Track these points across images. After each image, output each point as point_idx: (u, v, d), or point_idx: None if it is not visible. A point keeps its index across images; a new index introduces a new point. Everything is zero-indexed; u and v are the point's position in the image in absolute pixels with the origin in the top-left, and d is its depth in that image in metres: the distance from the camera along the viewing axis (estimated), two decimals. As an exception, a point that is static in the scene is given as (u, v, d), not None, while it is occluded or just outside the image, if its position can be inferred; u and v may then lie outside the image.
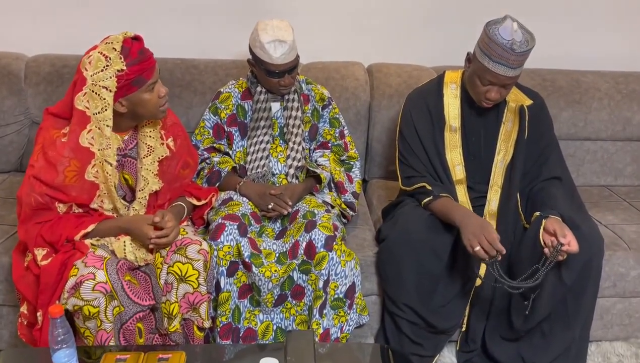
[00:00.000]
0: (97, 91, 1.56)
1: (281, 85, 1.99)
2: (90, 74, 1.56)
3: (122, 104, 1.62)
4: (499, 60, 1.74)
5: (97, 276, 1.53)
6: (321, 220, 1.83)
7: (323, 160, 2.12)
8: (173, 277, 1.65)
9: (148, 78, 1.61)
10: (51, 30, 2.49)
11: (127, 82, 1.57)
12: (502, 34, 1.72)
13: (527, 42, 1.74)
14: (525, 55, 1.75)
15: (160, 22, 2.50)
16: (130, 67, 1.56)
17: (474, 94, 1.89)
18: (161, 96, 1.66)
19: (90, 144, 1.61)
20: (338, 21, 2.60)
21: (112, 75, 1.55)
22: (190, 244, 1.68)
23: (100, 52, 1.56)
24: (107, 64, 1.55)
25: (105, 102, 1.58)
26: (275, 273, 1.77)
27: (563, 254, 1.70)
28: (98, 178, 1.65)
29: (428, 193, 1.89)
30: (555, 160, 1.98)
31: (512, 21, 1.75)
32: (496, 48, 1.73)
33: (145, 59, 1.59)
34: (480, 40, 1.80)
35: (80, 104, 1.59)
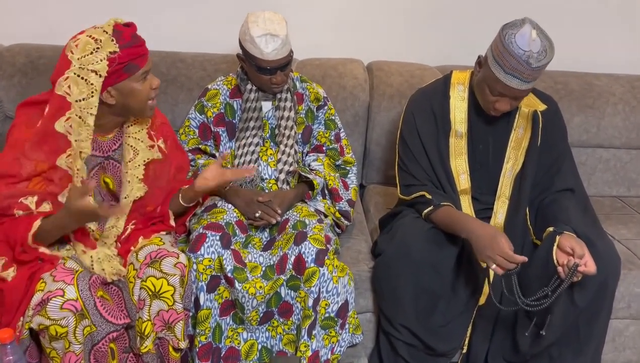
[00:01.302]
0: (85, 75, 1.42)
1: (273, 83, 1.83)
2: (77, 57, 1.42)
3: (111, 94, 1.48)
4: (512, 73, 1.59)
5: (67, 292, 1.38)
6: (312, 232, 1.68)
7: (317, 165, 1.96)
8: (146, 293, 1.49)
9: (141, 65, 1.48)
10: (30, 19, 2.33)
11: (119, 67, 1.44)
12: (518, 43, 1.56)
13: (546, 53, 1.58)
14: (542, 69, 1.60)
15: (145, 12, 2.34)
16: (124, 50, 1.43)
17: (482, 101, 1.73)
18: (153, 87, 1.53)
19: (67, 132, 1.46)
20: (336, 14, 2.44)
21: (103, 57, 1.42)
22: (166, 257, 1.52)
23: (90, 35, 1.43)
24: (98, 47, 1.42)
25: (92, 88, 1.43)
26: (260, 290, 1.61)
27: (578, 275, 1.54)
28: (71, 168, 1.49)
29: (428, 203, 1.74)
30: (568, 170, 1.83)
31: (532, 28, 1.58)
32: (510, 59, 1.57)
33: (138, 43, 1.48)
34: (494, 45, 1.63)
35: (61, 89, 1.44)
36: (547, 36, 1.61)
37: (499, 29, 1.64)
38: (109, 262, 1.53)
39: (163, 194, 1.68)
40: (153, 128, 1.65)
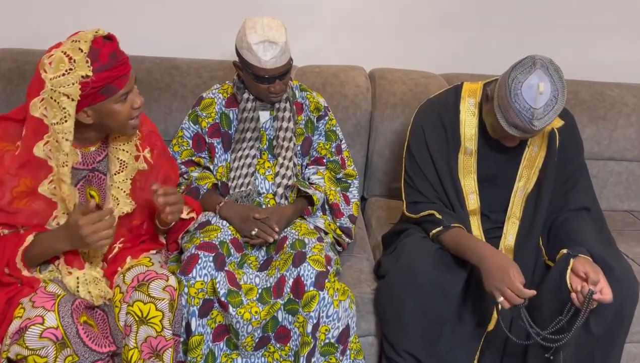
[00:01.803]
0: (57, 98, 1.30)
1: (271, 92, 1.74)
2: (49, 77, 1.29)
3: (88, 114, 1.37)
4: (514, 126, 1.50)
5: (47, 320, 1.27)
6: (312, 252, 1.57)
7: (317, 179, 1.86)
8: (132, 319, 1.39)
9: (120, 87, 1.36)
10: (18, 23, 2.23)
11: (93, 91, 1.32)
12: (524, 95, 1.45)
13: (554, 103, 1.47)
14: (547, 125, 1.50)
15: (138, 15, 2.24)
16: (98, 74, 1.30)
17: (491, 132, 1.65)
18: (135, 107, 1.41)
19: (47, 156, 1.36)
20: (337, 20, 2.35)
21: (75, 81, 1.29)
22: (155, 279, 1.42)
23: (64, 52, 1.29)
24: (71, 68, 1.29)
25: (65, 112, 1.31)
26: (256, 316, 1.51)
27: (594, 303, 1.44)
28: (56, 195, 1.39)
29: (437, 223, 1.64)
30: (584, 187, 1.73)
31: (540, 79, 1.45)
32: (512, 115, 1.48)
33: (117, 64, 1.34)
34: (499, 88, 1.52)
35: (37, 111, 1.33)
36: (559, 77, 1.48)
37: (508, 69, 1.51)
38: (95, 284, 1.43)
39: (150, 207, 1.57)
40: (140, 137, 1.55)
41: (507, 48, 2.41)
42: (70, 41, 1.31)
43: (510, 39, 2.41)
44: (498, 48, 2.42)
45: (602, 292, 1.43)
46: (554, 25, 2.38)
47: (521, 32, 2.40)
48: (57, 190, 1.39)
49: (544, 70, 1.48)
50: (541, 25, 2.38)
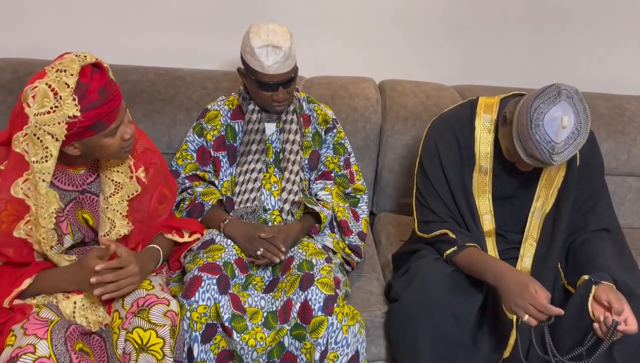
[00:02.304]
0: (41, 137, 1.21)
1: (274, 100, 1.67)
2: (33, 112, 1.20)
3: (75, 147, 1.29)
4: (532, 157, 1.43)
5: (38, 349, 1.20)
6: (320, 275, 1.50)
7: (324, 194, 1.79)
8: (131, 346, 1.32)
9: (109, 123, 1.27)
10: (22, 33, 2.17)
11: (80, 129, 1.24)
12: (546, 128, 1.37)
13: (576, 136, 1.39)
14: (568, 158, 1.43)
15: (142, 25, 2.19)
16: (87, 113, 1.22)
17: (506, 155, 1.58)
18: (125, 139, 1.33)
19: (25, 195, 1.27)
20: (346, 30, 2.28)
21: (61, 120, 1.20)
22: (155, 304, 1.35)
23: (49, 85, 1.19)
24: (56, 105, 1.19)
25: (47, 152, 1.23)
26: (261, 342, 1.44)
27: (617, 334, 1.37)
28: (32, 236, 1.31)
29: (451, 243, 1.56)
30: (604, 208, 1.65)
31: (564, 112, 1.37)
32: (531, 145, 1.40)
33: (107, 100, 1.24)
34: (520, 115, 1.42)
35: (19, 146, 1.25)
36: (584, 108, 1.40)
37: (532, 95, 1.42)
38: (93, 310, 1.36)
39: (145, 229, 1.51)
40: (134, 155, 1.47)
41: (521, 60, 2.35)
42: (55, 71, 1.21)
43: (524, 50, 2.33)
44: (512, 60, 2.35)
45: (627, 322, 1.35)
46: (570, 36, 2.31)
47: (536, 44, 2.32)
48: (33, 231, 1.30)
49: (569, 102, 1.39)
50: (556, 36, 2.31)
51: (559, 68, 2.34)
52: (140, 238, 1.52)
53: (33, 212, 1.28)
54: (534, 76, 2.32)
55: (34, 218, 1.28)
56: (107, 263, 1.32)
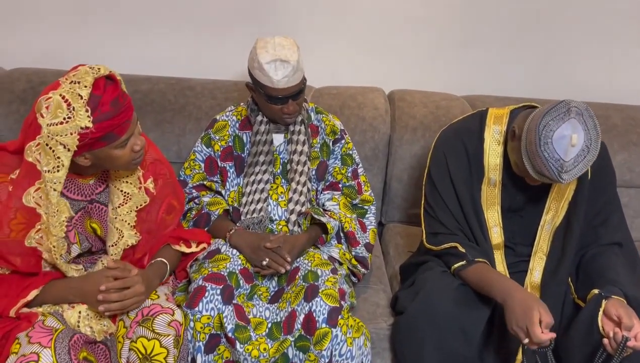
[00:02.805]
0: (53, 147, 1.23)
1: (284, 113, 1.68)
2: (46, 122, 1.22)
3: (86, 157, 1.31)
4: (541, 173, 1.41)
5: (42, 357, 1.21)
6: (325, 286, 1.49)
7: (331, 205, 1.78)
8: (135, 356, 1.32)
9: (120, 134, 1.29)
10: (36, 43, 2.21)
11: (91, 141, 1.26)
12: (555, 145, 1.36)
13: (585, 153, 1.37)
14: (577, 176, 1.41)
15: (154, 36, 2.21)
16: (99, 124, 1.24)
17: (514, 169, 1.56)
18: (135, 150, 1.35)
19: (36, 204, 1.29)
20: (357, 41, 2.29)
21: (73, 131, 1.22)
22: (160, 314, 1.35)
23: (63, 97, 1.22)
24: (69, 116, 1.21)
25: (59, 162, 1.25)
26: (264, 353, 1.43)
27: (627, 350, 1.33)
28: (42, 245, 1.32)
29: (460, 257, 1.55)
30: (616, 221, 1.62)
31: (574, 130, 1.35)
32: (539, 162, 1.38)
33: (119, 112, 1.26)
34: (528, 131, 1.41)
35: (31, 155, 1.27)
36: (594, 125, 1.38)
37: (541, 111, 1.41)
38: (98, 319, 1.37)
39: (152, 239, 1.52)
40: (143, 166, 1.49)
41: (533, 70, 2.33)
42: (69, 82, 1.23)
43: (535, 60, 2.31)
44: (523, 70, 2.33)
45: (637, 338, 1.32)
46: (582, 46, 2.28)
47: (548, 54, 2.30)
48: (43, 240, 1.32)
49: (579, 119, 1.37)
50: (569, 46, 2.28)
51: (571, 78, 2.31)
52: (148, 249, 1.53)
53: (44, 221, 1.29)
54: (546, 86, 2.30)
55: (45, 227, 1.30)
56: (112, 284, 1.34)
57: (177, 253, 1.59)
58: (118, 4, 2.19)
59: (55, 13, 2.18)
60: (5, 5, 2.17)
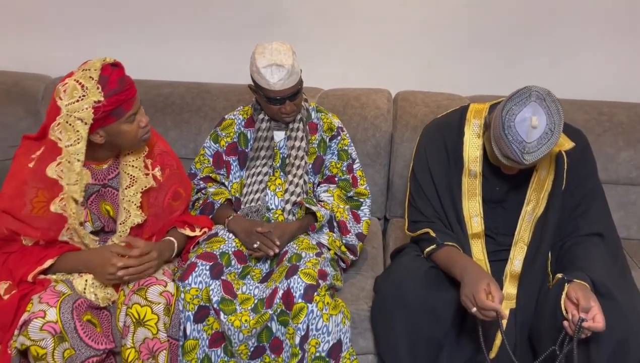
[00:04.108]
0: (72, 122, 1.46)
1: (282, 112, 1.83)
2: (65, 103, 1.44)
3: (100, 135, 1.52)
4: (507, 157, 1.48)
5: (48, 314, 1.42)
6: (305, 266, 1.62)
7: (326, 196, 1.91)
8: (130, 320, 1.51)
9: (127, 109, 1.50)
10: (75, 53, 2.48)
11: (104, 114, 1.47)
12: (517, 128, 1.43)
13: (549, 136, 1.43)
14: (541, 158, 1.46)
15: (177, 45, 2.45)
16: (109, 98, 1.45)
17: (490, 158, 1.63)
18: (142, 126, 1.55)
19: (59, 176, 1.51)
20: (365, 45, 2.42)
21: (88, 106, 1.44)
22: (153, 285, 1.53)
23: (77, 80, 1.44)
24: (84, 94, 1.43)
25: (78, 135, 1.47)
26: (245, 324, 1.58)
27: (586, 332, 1.37)
28: (66, 211, 1.54)
29: (431, 241, 1.63)
30: (597, 212, 1.64)
31: (534, 112, 1.42)
32: (504, 147, 1.46)
33: (124, 88, 1.48)
34: (495, 117, 1.50)
35: (53, 135, 1.49)
36: (557, 109, 1.44)
37: (505, 98, 1.49)
38: (102, 288, 1.57)
39: (159, 222, 1.70)
40: (152, 156, 1.68)
41: (538, 70, 2.36)
42: (81, 70, 1.47)
43: (541, 60, 2.35)
44: (529, 70, 2.36)
45: (595, 320, 1.35)
46: (589, 44, 2.30)
47: (554, 54, 2.33)
48: (66, 207, 1.53)
49: (540, 103, 1.44)
50: (574, 45, 2.30)
51: (577, 77, 2.33)
52: (156, 230, 1.72)
53: (66, 190, 1.51)
54: (552, 86, 2.26)
55: (67, 196, 1.51)
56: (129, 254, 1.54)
57: (183, 235, 1.76)
58: (151, 21, 2.44)
59: (89, 25, 2.45)
60: (51, 16, 2.46)
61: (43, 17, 2.48)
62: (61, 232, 1.56)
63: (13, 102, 2.32)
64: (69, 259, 1.56)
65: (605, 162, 2.12)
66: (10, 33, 2.51)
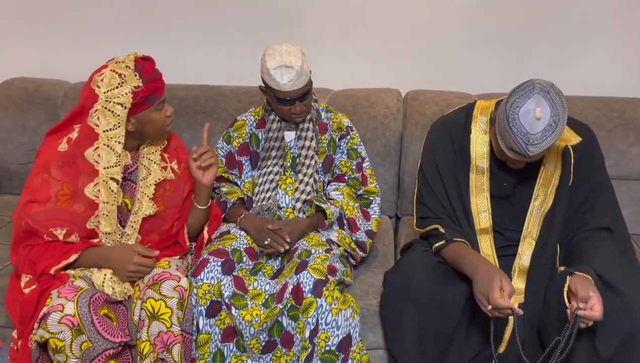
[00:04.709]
0: (111, 108, 1.56)
1: (292, 113, 1.87)
2: (103, 91, 1.56)
3: (132, 123, 1.61)
4: (512, 149, 1.49)
5: (66, 308, 1.48)
6: (314, 262, 1.66)
7: (336, 194, 1.94)
8: (145, 314, 1.56)
9: (159, 96, 1.63)
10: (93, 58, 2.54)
11: (141, 99, 1.58)
12: (521, 120, 1.44)
13: (553, 128, 1.43)
14: (545, 150, 1.46)
15: (191, 49, 2.51)
16: (146, 85, 1.57)
17: (497, 154, 1.65)
18: (168, 115, 1.67)
19: (95, 161, 1.59)
20: (375, 45, 2.45)
21: (128, 91, 1.55)
22: (167, 280, 1.58)
23: (113, 70, 1.56)
24: (122, 81, 1.55)
25: (119, 119, 1.57)
26: (256, 318, 1.62)
27: (586, 321, 1.38)
28: (99, 197, 1.61)
29: (441, 237, 1.65)
30: (605, 206, 1.65)
31: (538, 104, 1.43)
32: (508, 138, 1.47)
33: (158, 77, 1.62)
34: (499, 111, 1.51)
35: (91, 121, 1.58)
36: (561, 101, 1.45)
37: (508, 93, 1.50)
38: (120, 283, 1.62)
39: (178, 213, 1.77)
40: (168, 150, 1.77)
41: (548, 68, 2.36)
42: (114, 62, 1.58)
43: (551, 58, 2.35)
44: (539, 68, 2.37)
45: (594, 309, 1.36)
46: (598, 41, 2.29)
47: (564, 52, 2.34)
48: (100, 193, 1.60)
49: (544, 95, 1.45)
50: (584, 43, 2.31)
51: (587, 75, 2.33)
52: (175, 219, 1.78)
53: (103, 174, 1.59)
54: (562, 84, 2.27)
55: (102, 181, 1.59)
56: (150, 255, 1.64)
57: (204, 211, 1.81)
58: (165, 26, 2.50)
59: (110, 31, 2.52)
60: (70, 23, 2.54)
61: (62, 24, 2.56)
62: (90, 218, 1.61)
63: (34, 106, 2.40)
64: (90, 254, 1.62)
65: (617, 157, 2.12)
66: (30, 40, 2.59)
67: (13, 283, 1.71)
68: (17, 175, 2.43)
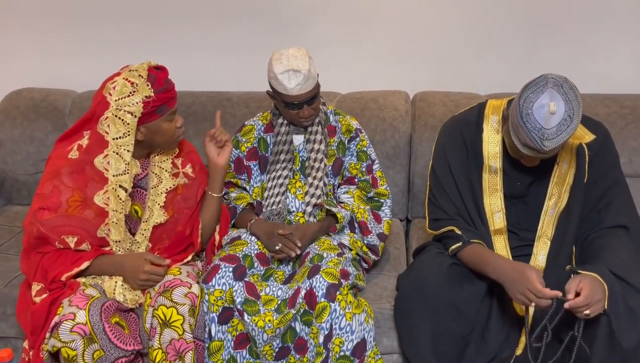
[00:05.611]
0: (121, 116, 1.55)
1: (300, 116, 1.85)
2: (114, 98, 1.55)
3: (141, 132, 1.60)
4: (527, 146, 1.47)
5: (78, 317, 1.46)
6: (327, 266, 1.64)
7: (346, 198, 1.93)
8: (157, 321, 1.54)
9: (171, 107, 1.62)
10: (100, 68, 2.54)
11: (152, 109, 1.57)
12: (535, 115, 1.42)
13: (568, 122, 1.42)
14: (561, 145, 1.45)
15: (198, 56, 2.50)
16: (158, 95, 1.56)
17: (510, 152, 1.63)
18: (178, 126, 1.66)
19: (105, 168, 1.58)
20: (383, 48, 2.43)
21: (139, 100, 1.54)
22: (178, 287, 1.56)
23: (126, 79, 1.56)
24: (134, 90, 1.54)
25: (128, 127, 1.56)
26: (269, 324, 1.59)
27: (584, 315, 1.38)
28: (108, 205, 1.60)
29: (457, 239, 1.63)
30: (620, 204, 1.62)
31: (552, 99, 1.42)
32: (524, 136, 1.45)
33: (170, 88, 1.61)
34: (513, 107, 1.50)
35: (101, 128, 1.58)
36: (575, 95, 1.43)
37: (521, 90, 1.49)
38: (131, 290, 1.61)
39: (192, 215, 1.76)
40: (180, 155, 1.76)
41: (559, 66, 2.32)
42: (127, 70, 1.57)
43: (561, 57, 2.33)
44: (549, 67, 2.33)
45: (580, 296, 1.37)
46: (609, 40, 2.27)
47: (576, 50, 2.32)
48: (110, 201, 1.59)
49: (557, 90, 1.44)
50: (595, 42, 2.29)
51: (598, 74, 2.30)
52: (191, 223, 1.77)
53: (111, 183, 1.58)
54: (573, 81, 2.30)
55: (112, 188, 1.58)
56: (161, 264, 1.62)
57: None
58: (172, 34, 2.50)
59: (117, 41, 2.52)
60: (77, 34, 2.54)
61: (69, 35, 2.56)
62: (100, 226, 1.60)
63: (42, 117, 2.40)
64: (102, 262, 1.61)
65: (629, 155, 2.09)
66: (38, 51, 2.60)
67: (24, 292, 1.69)
68: (26, 186, 2.42)
